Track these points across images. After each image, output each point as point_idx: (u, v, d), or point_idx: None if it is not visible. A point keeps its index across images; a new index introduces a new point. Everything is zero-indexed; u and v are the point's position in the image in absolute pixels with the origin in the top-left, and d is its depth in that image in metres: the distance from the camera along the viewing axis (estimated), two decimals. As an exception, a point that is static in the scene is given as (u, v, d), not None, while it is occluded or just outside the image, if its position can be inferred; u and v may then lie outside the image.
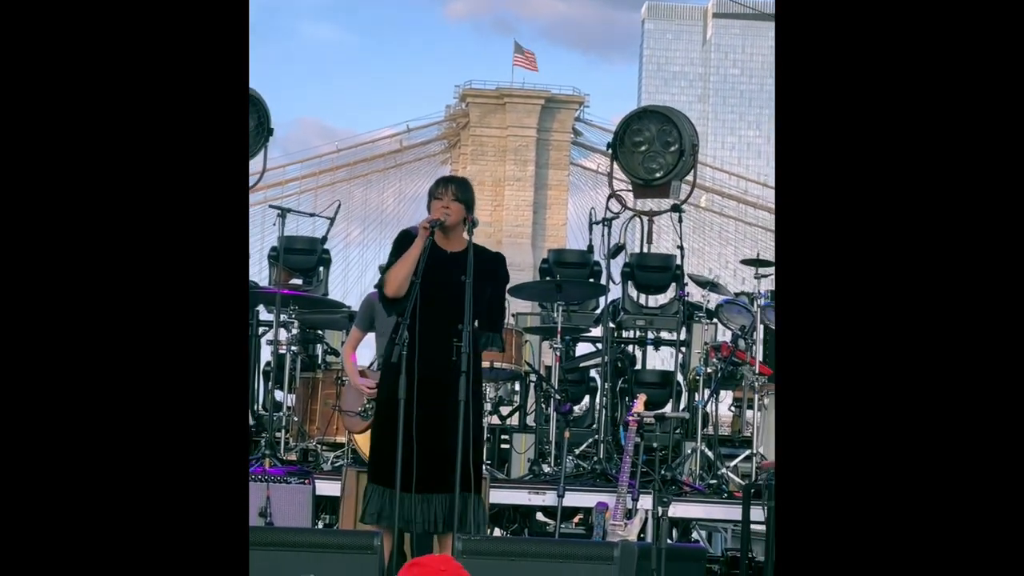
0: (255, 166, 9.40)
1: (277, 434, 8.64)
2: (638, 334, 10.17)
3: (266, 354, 9.84)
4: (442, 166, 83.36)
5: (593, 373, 10.27)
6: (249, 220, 3.88)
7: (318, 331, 9.87)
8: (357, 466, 7.20)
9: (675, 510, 7.44)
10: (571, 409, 8.87)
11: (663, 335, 10.17)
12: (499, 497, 7.80)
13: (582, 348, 10.51)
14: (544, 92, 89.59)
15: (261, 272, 11.16)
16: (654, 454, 8.52)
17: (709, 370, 8.90)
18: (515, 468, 8.90)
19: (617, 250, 9.46)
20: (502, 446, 9.36)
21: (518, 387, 9.58)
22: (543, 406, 9.26)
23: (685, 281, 9.83)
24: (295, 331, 8.92)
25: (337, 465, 8.41)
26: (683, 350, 9.64)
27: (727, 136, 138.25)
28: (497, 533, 8.37)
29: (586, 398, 10.57)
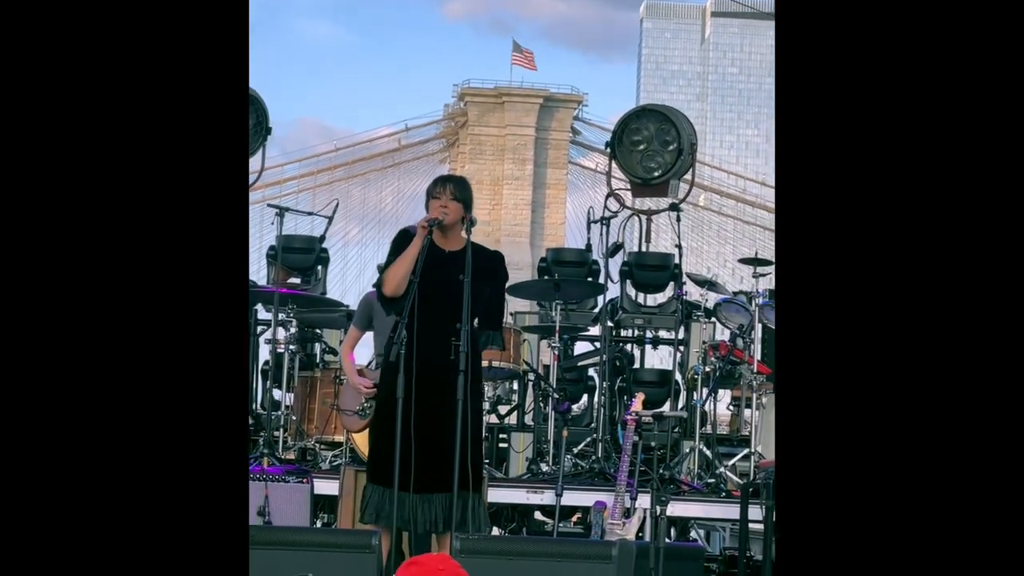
0: (253, 165, 9.40)
1: (275, 433, 8.63)
2: (636, 333, 10.15)
3: (264, 353, 9.83)
4: (440, 165, 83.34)
5: (591, 372, 10.26)
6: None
7: (316, 330, 9.86)
8: (355, 465, 7.19)
9: (673, 509, 7.44)
10: (569, 408, 8.88)
11: (661, 334, 10.16)
12: (497, 496, 7.79)
13: (580, 347, 10.53)
14: (542, 91, 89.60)
15: (259, 271, 11.15)
16: (652, 453, 8.50)
17: (707, 369, 8.90)
18: (513, 467, 8.90)
19: (615, 249, 9.45)
20: (500, 445, 9.36)
21: (516, 386, 9.59)
22: (541, 405, 9.24)
23: (683, 280, 9.81)
24: (293, 330, 8.92)
25: (335, 464, 8.41)
26: (681, 349, 9.62)
27: (725, 135, 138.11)
28: (495, 532, 8.37)
29: (584, 397, 10.55)
